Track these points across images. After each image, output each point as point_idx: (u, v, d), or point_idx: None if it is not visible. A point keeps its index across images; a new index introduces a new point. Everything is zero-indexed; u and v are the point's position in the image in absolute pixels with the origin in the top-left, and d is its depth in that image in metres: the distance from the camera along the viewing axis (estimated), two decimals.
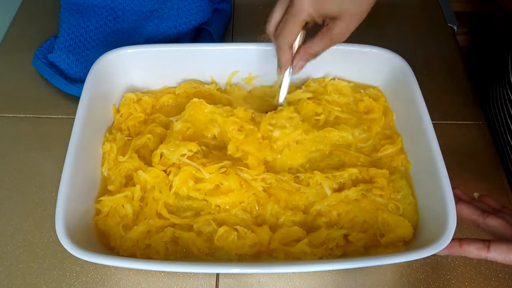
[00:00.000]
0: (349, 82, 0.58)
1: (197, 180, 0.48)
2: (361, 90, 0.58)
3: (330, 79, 0.58)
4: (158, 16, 0.66)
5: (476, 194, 0.48)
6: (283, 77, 0.51)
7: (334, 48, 0.56)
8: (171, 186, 0.48)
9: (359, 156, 0.52)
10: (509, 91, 0.61)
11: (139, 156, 0.50)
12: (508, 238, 0.40)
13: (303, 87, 0.58)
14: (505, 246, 0.39)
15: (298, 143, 0.52)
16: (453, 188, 0.44)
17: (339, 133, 0.53)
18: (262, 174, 0.49)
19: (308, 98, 0.56)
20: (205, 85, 0.58)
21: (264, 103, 0.58)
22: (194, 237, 0.46)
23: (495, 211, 0.43)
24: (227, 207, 0.48)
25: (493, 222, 0.41)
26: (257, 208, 0.48)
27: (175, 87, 0.58)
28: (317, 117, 0.55)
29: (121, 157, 0.50)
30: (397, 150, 0.53)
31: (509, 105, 0.61)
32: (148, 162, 0.51)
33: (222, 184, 0.48)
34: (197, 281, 0.48)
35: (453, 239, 0.41)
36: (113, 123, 0.55)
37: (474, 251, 0.40)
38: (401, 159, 0.52)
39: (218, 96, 0.57)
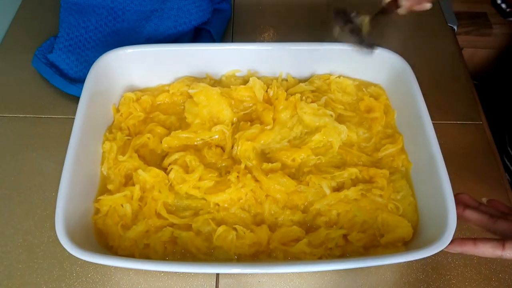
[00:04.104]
0: (354, 80, 0.58)
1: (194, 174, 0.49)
2: (363, 88, 0.58)
3: (336, 77, 0.58)
4: (158, 16, 0.66)
5: (484, 199, 0.48)
6: None
7: (335, 47, 0.56)
8: (171, 185, 0.48)
9: (361, 155, 0.52)
10: None
11: (138, 156, 0.51)
12: None
13: (307, 83, 0.58)
14: None
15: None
16: (460, 193, 0.43)
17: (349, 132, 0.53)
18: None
19: (312, 91, 0.56)
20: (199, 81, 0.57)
21: None
22: (193, 237, 0.46)
23: (503, 214, 0.43)
24: (226, 205, 0.48)
25: (504, 226, 0.41)
26: (254, 203, 0.48)
27: (169, 84, 0.58)
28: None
29: (120, 156, 0.50)
30: (398, 150, 0.52)
31: None
32: (148, 162, 0.51)
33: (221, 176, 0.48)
34: (197, 281, 0.48)
35: (467, 238, 0.41)
36: (113, 122, 0.55)
37: (489, 249, 0.40)
38: (402, 159, 0.52)
39: None
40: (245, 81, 0.58)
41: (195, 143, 0.53)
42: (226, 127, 0.53)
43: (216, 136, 0.53)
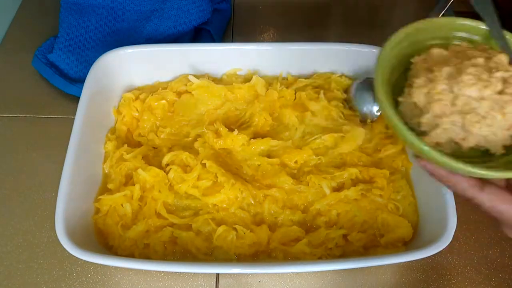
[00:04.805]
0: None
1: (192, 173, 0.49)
2: None
3: (337, 76, 0.58)
4: (158, 16, 0.66)
5: None
6: None
7: (335, 48, 0.56)
8: (170, 185, 0.48)
9: (361, 155, 0.52)
10: None
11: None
12: None
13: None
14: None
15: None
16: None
17: None
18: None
19: (315, 87, 0.56)
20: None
21: None
22: (192, 237, 0.46)
23: None
24: (225, 205, 0.48)
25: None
26: (252, 202, 0.48)
27: (167, 82, 0.58)
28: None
29: (125, 153, 0.50)
30: (399, 151, 0.52)
31: None
32: (148, 162, 0.51)
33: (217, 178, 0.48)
34: (197, 281, 0.48)
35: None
36: (115, 123, 0.55)
37: (464, 183, 0.34)
38: (402, 159, 0.52)
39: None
40: (246, 80, 0.58)
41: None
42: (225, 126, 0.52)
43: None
